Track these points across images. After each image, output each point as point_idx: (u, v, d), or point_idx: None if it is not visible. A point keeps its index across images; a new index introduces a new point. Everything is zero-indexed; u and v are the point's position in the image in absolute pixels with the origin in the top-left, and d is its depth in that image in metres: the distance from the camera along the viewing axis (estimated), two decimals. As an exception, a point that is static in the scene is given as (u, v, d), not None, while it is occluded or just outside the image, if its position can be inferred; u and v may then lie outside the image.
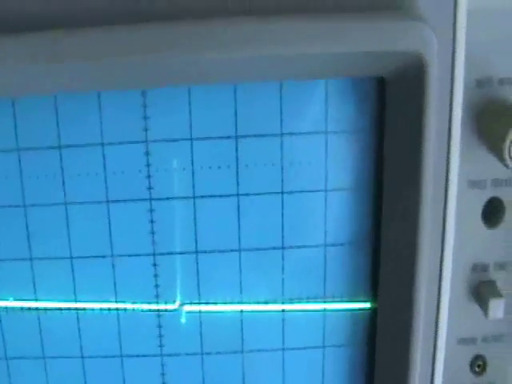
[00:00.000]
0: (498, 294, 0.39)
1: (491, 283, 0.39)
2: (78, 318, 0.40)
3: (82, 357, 0.41)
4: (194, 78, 0.36)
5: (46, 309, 0.40)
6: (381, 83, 0.37)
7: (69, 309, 0.40)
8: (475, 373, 0.41)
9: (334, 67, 0.35)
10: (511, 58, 0.37)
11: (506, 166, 0.36)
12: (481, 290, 0.39)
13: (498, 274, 0.40)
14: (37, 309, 0.40)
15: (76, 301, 0.40)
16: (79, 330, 0.41)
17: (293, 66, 0.35)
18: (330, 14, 0.34)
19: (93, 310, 0.40)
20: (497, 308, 0.38)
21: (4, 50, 0.34)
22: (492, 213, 0.39)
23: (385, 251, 0.38)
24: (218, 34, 0.34)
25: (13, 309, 0.40)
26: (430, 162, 0.35)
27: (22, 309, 0.40)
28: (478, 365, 0.41)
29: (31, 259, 0.40)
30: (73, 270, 0.40)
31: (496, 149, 0.37)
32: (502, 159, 0.36)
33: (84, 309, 0.40)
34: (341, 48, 0.34)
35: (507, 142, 0.36)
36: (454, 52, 0.36)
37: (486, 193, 0.39)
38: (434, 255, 0.37)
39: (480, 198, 0.39)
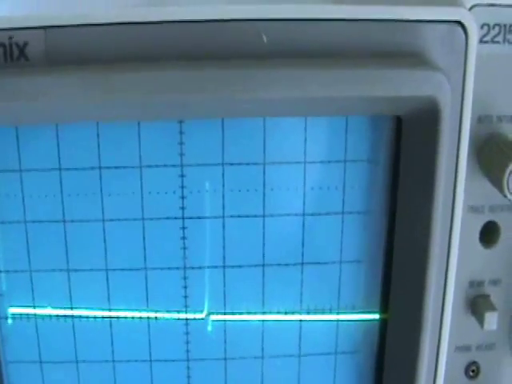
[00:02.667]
0: (492, 308, 0.43)
1: (486, 297, 0.44)
2: (110, 325, 0.44)
3: (114, 361, 0.44)
4: (227, 113, 0.40)
5: (80, 316, 0.43)
6: (397, 120, 0.41)
7: (102, 317, 0.43)
8: (469, 377, 0.45)
9: (355, 107, 0.39)
10: (509, 98, 0.42)
11: (505, 196, 0.41)
12: (477, 304, 0.44)
13: (493, 289, 0.44)
14: (72, 316, 0.43)
15: (110, 309, 0.43)
16: (111, 336, 0.44)
17: (317, 105, 0.39)
18: (353, 60, 0.38)
19: (125, 318, 0.43)
20: (491, 320, 0.43)
21: (58, 82, 0.37)
22: (488, 235, 0.43)
23: (396, 269, 0.42)
24: (250, 77, 0.37)
25: (49, 316, 0.44)
26: (441, 192, 0.39)
27: (58, 316, 0.44)
28: (472, 370, 0.45)
29: (68, 270, 0.43)
30: (108, 281, 0.43)
31: (495, 180, 0.41)
32: (501, 190, 0.40)
33: (117, 317, 0.43)
34: (362, 92, 0.38)
35: (506, 176, 0.40)
36: (463, 94, 0.40)
37: (484, 217, 0.43)
38: (439, 273, 0.42)
39: (478, 222, 0.43)
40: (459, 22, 0.38)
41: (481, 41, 0.40)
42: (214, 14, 0.37)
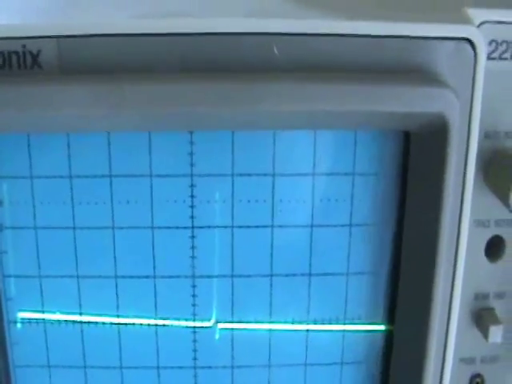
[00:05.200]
0: (497, 321, 0.44)
1: (491, 310, 0.44)
2: (119, 331, 0.44)
3: (121, 367, 0.45)
4: (237, 125, 0.40)
5: (89, 322, 0.44)
6: (406, 134, 0.41)
7: (111, 323, 0.44)
8: (473, 389, 0.46)
9: (364, 122, 0.40)
10: (516, 113, 0.43)
11: (510, 211, 0.41)
12: (482, 317, 0.44)
13: (497, 302, 0.45)
14: (81, 322, 0.44)
15: (118, 316, 0.44)
16: (120, 342, 0.44)
17: (326, 119, 0.39)
18: (362, 75, 0.38)
19: (134, 324, 0.44)
20: (496, 333, 0.43)
21: (71, 92, 0.37)
22: (494, 249, 0.44)
23: (403, 281, 0.43)
24: (260, 91, 0.38)
25: (58, 321, 0.44)
26: (449, 206, 0.40)
27: (66, 322, 0.44)
28: (477, 382, 0.46)
29: (78, 277, 0.43)
30: (117, 288, 0.43)
31: (501, 195, 0.42)
32: (507, 205, 0.41)
33: (125, 324, 0.44)
34: (371, 108, 0.38)
35: (512, 191, 0.41)
36: (471, 110, 0.40)
37: (490, 231, 0.44)
38: (445, 285, 0.42)
39: (484, 236, 0.44)
40: (468, 39, 0.39)
41: (489, 57, 0.40)
42: (227, 27, 0.38)
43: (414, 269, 0.42)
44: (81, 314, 0.44)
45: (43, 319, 0.44)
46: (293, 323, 0.44)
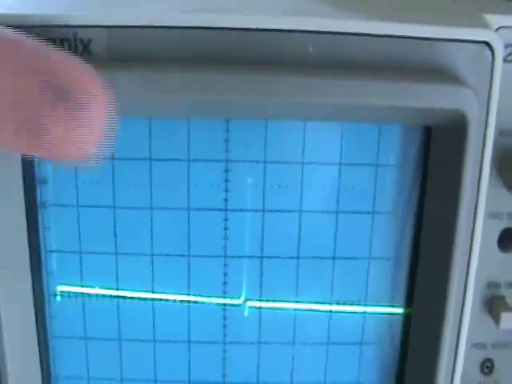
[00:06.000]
0: (508, 309, 0.46)
1: (502, 299, 0.47)
2: (153, 307, 0.47)
3: (154, 341, 0.47)
4: (270, 115, 0.43)
5: (125, 297, 0.47)
6: (427, 129, 0.44)
7: (146, 299, 0.47)
8: (484, 373, 0.48)
9: (389, 117, 0.42)
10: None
11: (522, 206, 0.44)
12: (493, 304, 0.46)
13: (509, 291, 0.47)
14: (117, 297, 0.47)
15: (153, 292, 0.46)
16: (153, 317, 0.47)
17: (353, 113, 0.42)
18: (388, 73, 0.41)
19: (167, 300, 0.47)
20: (507, 320, 0.45)
21: (118, 78, 0.39)
22: (506, 240, 0.46)
23: (421, 267, 0.45)
24: (293, 85, 0.40)
25: (96, 295, 0.47)
26: (466, 199, 0.42)
27: (104, 296, 0.47)
28: (487, 366, 0.48)
29: (116, 254, 0.46)
30: (152, 265, 0.46)
31: (514, 191, 0.44)
32: (519, 201, 0.44)
33: (159, 299, 0.47)
34: (395, 103, 0.41)
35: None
36: (488, 108, 0.42)
37: (502, 223, 0.46)
38: (461, 273, 0.44)
39: (497, 227, 0.46)
40: (487, 43, 0.42)
41: (505, 60, 0.43)
42: (267, 24, 0.41)
43: (431, 257, 0.44)
44: (117, 289, 0.47)
45: (81, 293, 0.47)
46: (317, 303, 0.47)
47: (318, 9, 0.42)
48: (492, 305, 0.47)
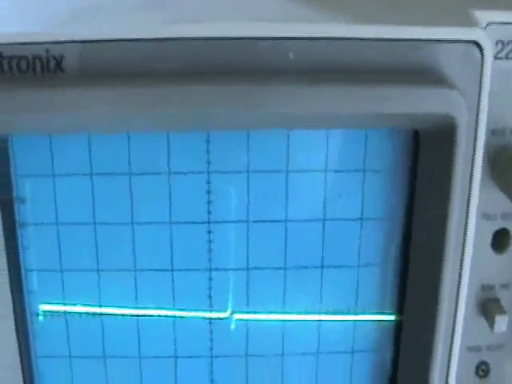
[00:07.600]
0: (502, 311, 0.45)
1: (496, 301, 0.46)
2: (137, 323, 0.46)
3: (140, 357, 0.46)
4: (251, 125, 0.42)
5: (109, 314, 0.46)
6: (415, 133, 0.42)
7: (130, 315, 0.46)
8: (479, 376, 0.47)
9: (374, 122, 0.41)
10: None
11: (516, 205, 0.43)
12: (488, 307, 0.46)
13: (503, 293, 0.46)
14: (100, 314, 0.45)
15: (137, 308, 0.45)
16: (138, 333, 0.46)
17: (337, 120, 0.41)
18: (372, 77, 0.39)
19: (152, 316, 0.45)
20: (501, 323, 0.45)
21: (91, 95, 0.38)
22: (500, 241, 0.45)
23: (412, 273, 0.44)
24: (274, 93, 0.39)
25: (79, 313, 0.46)
26: (457, 201, 0.41)
27: (87, 314, 0.46)
28: (482, 369, 0.47)
29: (98, 270, 0.45)
30: (136, 281, 0.45)
31: (507, 190, 0.43)
32: (512, 200, 0.43)
33: (144, 315, 0.45)
34: (381, 109, 0.39)
35: (518, 187, 0.42)
36: (478, 109, 0.41)
37: (496, 224, 0.45)
38: (453, 276, 0.43)
39: (490, 228, 0.45)
40: (475, 42, 0.40)
41: (495, 57, 0.42)
42: (244, 32, 0.39)
43: (422, 261, 0.43)
44: (101, 306, 0.45)
45: (64, 311, 0.45)
46: (305, 314, 0.46)
47: (298, 13, 0.41)
48: (486, 307, 0.46)
